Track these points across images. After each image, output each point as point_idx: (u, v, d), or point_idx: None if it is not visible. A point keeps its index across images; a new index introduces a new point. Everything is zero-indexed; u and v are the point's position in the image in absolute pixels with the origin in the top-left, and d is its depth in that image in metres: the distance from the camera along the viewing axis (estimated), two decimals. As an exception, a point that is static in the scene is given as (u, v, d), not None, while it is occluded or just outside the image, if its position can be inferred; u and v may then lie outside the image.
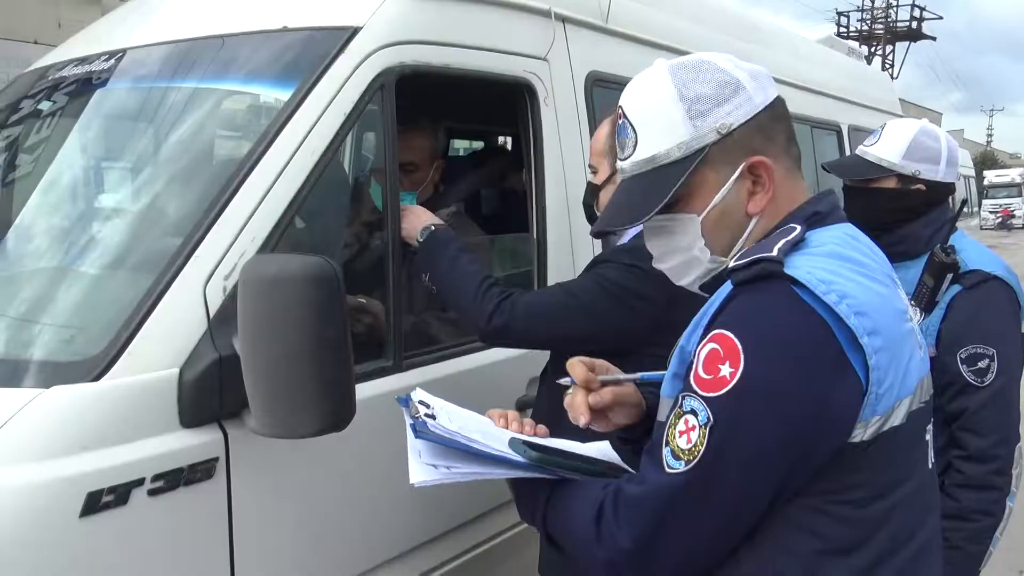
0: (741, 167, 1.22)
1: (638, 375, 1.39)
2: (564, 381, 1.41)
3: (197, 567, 1.61)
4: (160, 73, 2.13)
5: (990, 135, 73.06)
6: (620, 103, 1.31)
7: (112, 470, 1.47)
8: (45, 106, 2.27)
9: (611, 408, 1.39)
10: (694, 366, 1.11)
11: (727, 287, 1.16)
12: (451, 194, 2.84)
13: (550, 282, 2.45)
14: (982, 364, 2.06)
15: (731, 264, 1.17)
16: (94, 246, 1.92)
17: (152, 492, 1.51)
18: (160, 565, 1.55)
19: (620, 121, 1.30)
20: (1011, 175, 41.87)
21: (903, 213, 2.21)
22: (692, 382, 1.10)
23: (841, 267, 1.13)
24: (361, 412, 1.60)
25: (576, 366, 1.37)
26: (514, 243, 2.62)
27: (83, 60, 2.32)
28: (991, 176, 40.80)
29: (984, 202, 34.98)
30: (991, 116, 75.89)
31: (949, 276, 2.12)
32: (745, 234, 1.24)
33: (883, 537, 1.12)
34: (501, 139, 4.95)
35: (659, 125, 1.24)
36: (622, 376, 1.41)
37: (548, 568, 2.13)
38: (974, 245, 2.25)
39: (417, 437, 1.23)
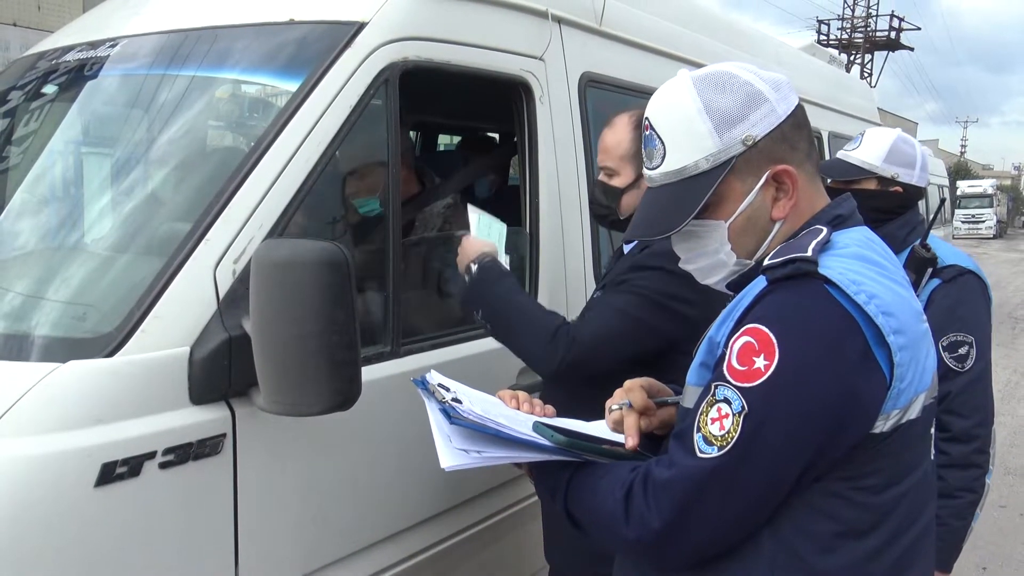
0: (766, 175, 1.26)
1: None
2: (617, 405, 1.43)
3: (203, 538, 1.67)
4: (170, 61, 2.17)
5: (964, 146, 74.14)
6: (646, 114, 1.35)
7: (125, 443, 1.53)
8: (56, 91, 2.31)
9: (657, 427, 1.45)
10: (727, 357, 1.16)
11: (758, 283, 1.21)
12: (447, 187, 2.89)
13: (541, 275, 2.52)
14: (962, 351, 2.21)
15: (766, 262, 1.21)
16: (110, 228, 1.97)
17: (163, 465, 1.57)
18: (169, 535, 1.60)
19: (647, 132, 1.34)
20: (983, 186, 42.58)
21: (881, 213, 2.34)
22: (725, 372, 1.15)
23: (866, 268, 1.19)
24: (361, 395, 1.66)
25: (636, 392, 1.42)
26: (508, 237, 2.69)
27: (90, 45, 2.36)
28: (964, 187, 41.43)
29: (956, 211, 35.57)
30: (965, 127, 77.05)
31: (929, 270, 2.27)
32: (769, 237, 1.29)
33: (894, 521, 1.19)
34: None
35: (687, 138, 1.28)
36: (671, 398, 1.46)
37: (554, 552, 2.19)
38: (945, 244, 2.43)
39: (452, 423, 1.28)
